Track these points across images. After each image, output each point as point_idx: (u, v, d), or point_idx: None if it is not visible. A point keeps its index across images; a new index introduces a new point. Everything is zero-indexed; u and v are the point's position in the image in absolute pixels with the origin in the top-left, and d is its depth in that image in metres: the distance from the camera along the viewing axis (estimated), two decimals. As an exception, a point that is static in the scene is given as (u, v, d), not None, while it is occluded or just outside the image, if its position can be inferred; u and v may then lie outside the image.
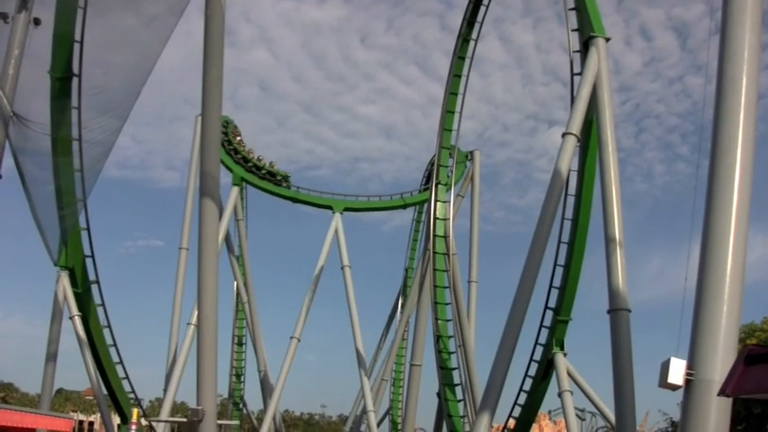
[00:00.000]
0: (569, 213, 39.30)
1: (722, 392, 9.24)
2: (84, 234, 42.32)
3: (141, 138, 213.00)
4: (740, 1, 12.46)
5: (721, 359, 11.02)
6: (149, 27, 27.27)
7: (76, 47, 31.21)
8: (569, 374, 41.36)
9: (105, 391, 46.09)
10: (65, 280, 42.53)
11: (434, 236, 50.03)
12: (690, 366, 11.29)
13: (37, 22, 27.56)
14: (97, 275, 44.36)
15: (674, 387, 11.39)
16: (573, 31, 36.19)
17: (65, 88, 32.43)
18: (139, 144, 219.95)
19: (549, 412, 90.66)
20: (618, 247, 28.93)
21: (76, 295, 42.80)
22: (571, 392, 41.14)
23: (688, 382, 11.29)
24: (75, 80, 32.36)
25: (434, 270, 49.64)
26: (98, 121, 32.71)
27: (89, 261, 43.51)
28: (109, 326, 45.75)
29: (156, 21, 26.59)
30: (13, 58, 27.26)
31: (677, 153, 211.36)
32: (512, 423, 46.72)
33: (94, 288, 44.53)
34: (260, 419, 69.94)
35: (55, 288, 42.97)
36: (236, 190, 63.84)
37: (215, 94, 23.77)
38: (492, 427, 35.62)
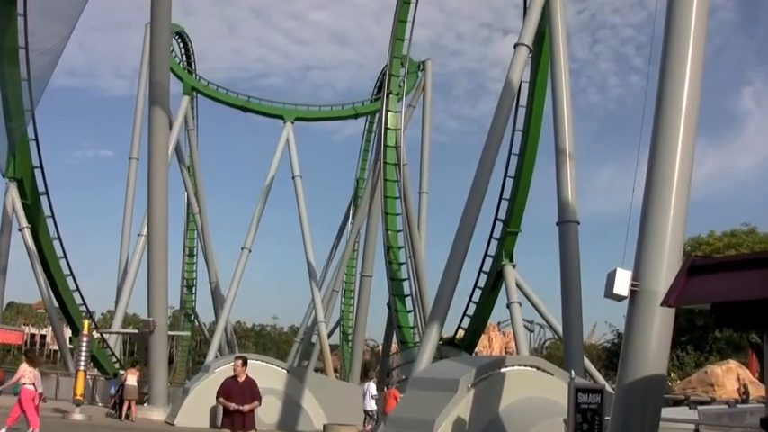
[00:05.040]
0: (521, 125, 39.46)
1: (665, 302, 9.38)
2: (32, 145, 41.85)
3: (89, 45, 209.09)
4: None
5: (666, 270, 11.16)
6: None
7: (21, -48, 30.56)
8: (518, 286, 41.85)
9: (56, 304, 46.02)
10: (14, 191, 42.09)
11: (385, 146, 49.90)
12: (635, 277, 11.44)
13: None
14: (46, 186, 44.02)
15: (620, 297, 11.52)
16: (527, -60, 35.92)
17: (9, -5, 31.81)
18: (87, 52, 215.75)
19: (498, 323, 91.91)
20: (568, 160, 29.12)
21: (26, 207, 42.42)
22: (520, 304, 41.66)
23: (633, 292, 11.43)
24: (20, -14, 31.70)
25: (385, 180, 49.63)
26: (45, 28, 32.14)
27: (38, 172, 43.09)
28: (59, 237, 45.52)
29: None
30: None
31: (631, 65, 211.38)
32: (461, 333, 47.32)
33: (44, 199, 44.18)
34: (212, 331, 70.38)
35: (3, 200, 42.56)
36: (186, 99, 63.43)
37: (164, 2, 23.45)
38: (441, 337, 36.04)
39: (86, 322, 31.23)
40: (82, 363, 28.76)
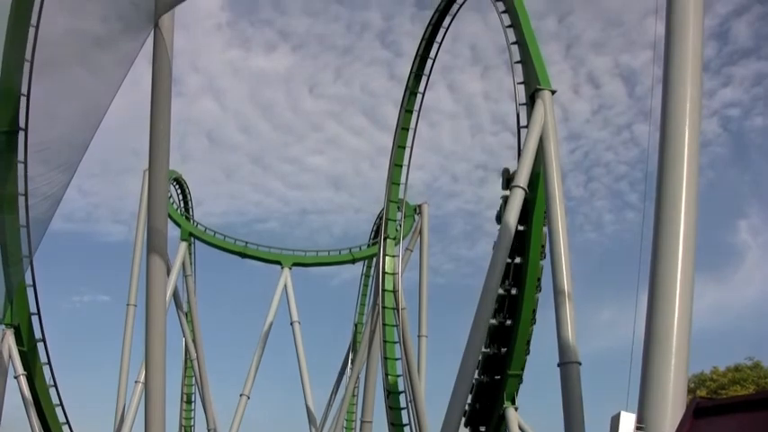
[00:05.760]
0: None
1: (671, 446, 9.24)
2: (29, 291, 41.83)
3: (87, 190, 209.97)
4: (682, 53, 12.65)
5: (670, 412, 11.02)
6: (98, 78, 26.98)
7: (23, 100, 30.88)
8: (521, 429, 41.19)
9: (51, 453, 45.32)
10: (10, 338, 41.88)
11: (383, 291, 49.84)
12: (639, 420, 11.28)
13: (-18, 75, 27.26)
14: (43, 333, 43.82)
15: (625, 441, 11.36)
16: (519, 83, 36.48)
17: (11, 143, 32.02)
18: (86, 196, 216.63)
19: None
20: (567, 300, 28.97)
21: (22, 354, 42.16)
22: (523, 448, 40.95)
23: (638, 435, 11.27)
24: (21, 134, 31.98)
25: (384, 325, 49.39)
26: (46, 175, 32.29)
27: (35, 318, 42.96)
28: (55, 385, 45.11)
29: (104, 72, 26.36)
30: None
31: (626, 201, 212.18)
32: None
33: (40, 346, 43.95)
34: (209, 479, 69.11)
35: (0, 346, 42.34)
36: (184, 245, 63.71)
37: (162, 150, 23.63)
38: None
39: (81, 473, 30.69)
40: None
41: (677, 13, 12.78)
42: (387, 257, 50.95)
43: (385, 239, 51.30)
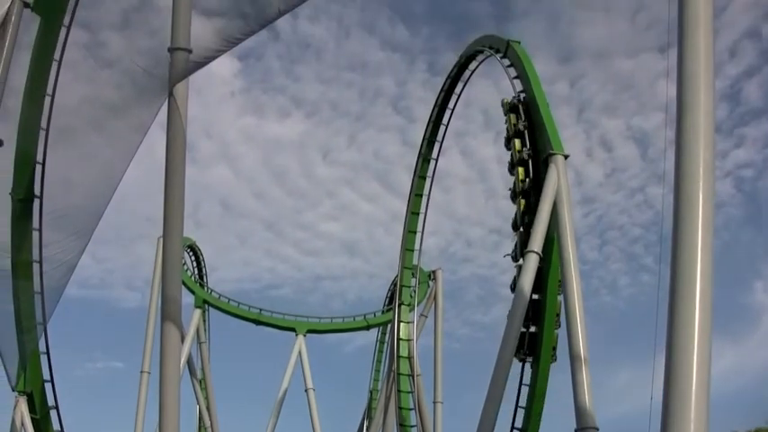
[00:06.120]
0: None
1: None
2: (43, 358, 41.66)
3: (102, 257, 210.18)
4: (694, 114, 12.65)
5: (691, 478, 10.86)
6: (113, 146, 27.17)
7: (38, 168, 31.01)
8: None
9: None
10: (23, 405, 41.63)
11: (398, 357, 49.66)
12: (659, 485, 11.13)
13: (-1, 142, 27.39)
14: (56, 400, 43.58)
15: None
16: (533, 149, 36.54)
17: (26, 210, 32.15)
18: (100, 263, 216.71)
19: None
20: (583, 365, 28.75)
21: (35, 421, 41.89)
22: None
23: (658, 501, 11.11)
24: (36, 202, 32.09)
25: (399, 392, 49.16)
26: (61, 242, 32.34)
27: (48, 385, 42.76)
28: (68, 454, 44.78)
29: (119, 139, 26.54)
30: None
31: (641, 264, 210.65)
32: None
33: (53, 413, 43.71)
34: None
35: (12, 414, 42.09)
36: (198, 312, 63.71)
37: (176, 217, 23.66)
38: None
39: None
40: None
41: (688, 74, 12.79)
42: (401, 324, 50.85)
43: (399, 306, 51.24)
